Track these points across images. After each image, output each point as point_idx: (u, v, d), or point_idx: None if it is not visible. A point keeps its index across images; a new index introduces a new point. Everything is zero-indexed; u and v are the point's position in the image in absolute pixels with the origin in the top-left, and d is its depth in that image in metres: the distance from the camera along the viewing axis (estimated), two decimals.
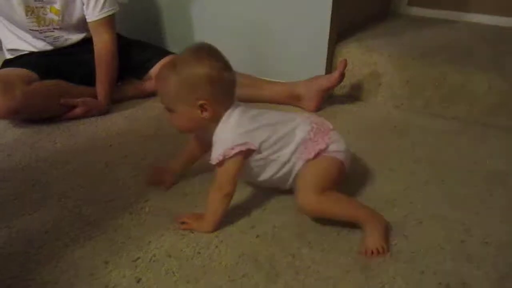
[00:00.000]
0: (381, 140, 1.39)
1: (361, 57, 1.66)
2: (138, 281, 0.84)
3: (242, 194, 1.08)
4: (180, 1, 1.91)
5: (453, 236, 0.97)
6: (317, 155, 0.99)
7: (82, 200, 1.09)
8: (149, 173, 1.16)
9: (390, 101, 1.64)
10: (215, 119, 0.97)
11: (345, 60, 1.52)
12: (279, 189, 1.07)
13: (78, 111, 1.49)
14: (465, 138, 1.40)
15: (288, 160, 0.99)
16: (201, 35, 1.93)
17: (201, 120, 0.96)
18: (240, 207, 1.04)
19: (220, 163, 0.95)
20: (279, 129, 1.00)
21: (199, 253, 0.91)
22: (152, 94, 1.67)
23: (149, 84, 1.69)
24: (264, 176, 1.02)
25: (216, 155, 0.95)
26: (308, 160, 0.99)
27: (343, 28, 1.73)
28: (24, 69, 1.51)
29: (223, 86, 0.96)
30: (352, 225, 0.97)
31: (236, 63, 1.78)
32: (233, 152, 0.94)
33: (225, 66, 0.96)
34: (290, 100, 1.60)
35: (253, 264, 0.88)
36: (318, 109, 1.57)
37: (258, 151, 0.97)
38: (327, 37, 1.62)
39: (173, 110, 0.98)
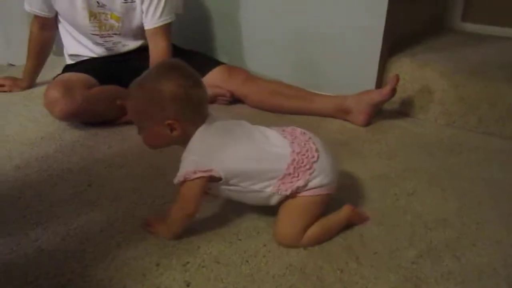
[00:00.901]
0: (432, 158, 1.36)
1: (413, 72, 1.64)
2: (188, 285, 0.86)
3: None
4: (231, 12, 1.95)
5: (509, 261, 0.93)
6: (295, 192, 0.94)
7: (135, 202, 1.12)
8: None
9: (441, 118, 1.61)
10: (186, 137, 0.93)
11: (398, 75, 1.51)
12: None
13: None
14: None
15: (261, 191, 0.95)
16: (251, 46, 1.96)
17: (171, 138, 0.93)
18: None
19: (182, 184, 0.92)
20: (253, 157, 0.94)
21: (247, 261, 0.92)
22: None
23: None
24: (241, 200, 0.99)
25: (178, 175, 0.92)
26: (285, 196, 0.94)
27: (395, 42, 1.71)
28: (84, 74, 1.59)
29: (191, 104, 0.92)
30: (401, 242, 0.96)
31: (285, 75, 1.82)
32: (194, 176, 0.90)
33: (194, 83, 0.92)
34: (339, 113, 1.59)
35: (301, 276, 0.88)
36: (367, 123, 1.56)
37: (225, 180, 0.92)
38: (379, 51, 1.61)
39: (143, 128, 0.96)
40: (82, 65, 1.67)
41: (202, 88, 0.94)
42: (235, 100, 1.74)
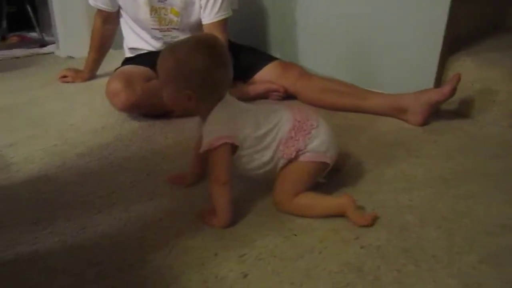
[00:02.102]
0: (493, 161, 1.31)
1: (474, 71, 1.58)
2: (245, 276, 0.87)
3: None
4: (286, 7, 1.96)
5: None
6: (296, 155, 1.03)
7: (191, 193, 1.15)
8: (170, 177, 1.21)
9: (503, 120, 1.54)
10: (201, 111, 1.02)
11: (459, 74, 1.46)
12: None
13: None
14: None
15: (271, 159, 1.04)
16: (306, 42, 1.95)
17: (187, 106, 1.01)
18: (343, 217, 1.04)
19: (209, 153, 0.99)
20: (262, 126, 1.03)
21: (303, 256, 0.92)
22: (256, 98, 1.73)
23: (253, 88, 1.75)
24: (250, 171, 1.07)
25: (203, 145, 1.00)
26: (290, 160, 1.03)
27: (456, 39, 1.66)
28: (144, 67, 1.64)
29: (211, 83, 0.99)
30: (461, 246, 0.93)
31: (339, 71, 1.80)
32: (218, 143, 0.98)
33: (219, 64, 0.99)
34: (394, 112, 1.56)
35: (358, 274, 0.88)
36: (424, 123, 1.52)
37: (241, 147, 1.01)
38: (440, 49, 1.57)
39: (165, 88, 1.03)
40: (141, 58, 1.72)
41: (227, 69, 1.01)
42: (288, 96, 1.74)
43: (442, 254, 0.93)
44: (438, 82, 1.62)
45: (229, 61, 1.01)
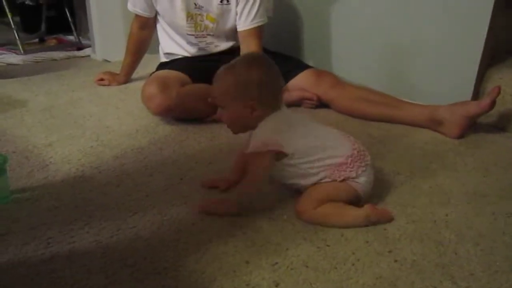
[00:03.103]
0: None
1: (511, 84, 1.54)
2: (277, 285, 0.87)
3: None
4: (321, 16, 1.95)
5: None
6: (343, 180, 1.05)
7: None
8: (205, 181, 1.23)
9: None
10: (260, 120, 1.06)
11: (499, 87, 1.42)
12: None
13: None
14: None
15: (316, 174, 1.06)
16: (340, 50, 1.94)
17: (249, 119, 1.06)
18: (377, 229, 1.03)
19: (253, 156, 1.05)
20: (317, 140, 1.07)
21: (336, 268, 0.91)
22: (288, 105, 1.72)
23: (286, 95, 1.73)
24: (290, 180, 1.10)
25: (251, 147, 1.05)
26: (333, 180, 1.05)
27: (496, 51, 1.62)
28: (179, 72, 1.66)
29: (273, 91, 1.07)
30: (500, 265, 0.90)
31: (374, 81, 1.79)
32: (265, 149, 1.03)
33: (276, 75, 1.07)
34: (431, 124, 1.53)
35: None
36: (460, 136, 1.48)
37: (290, 157, 1.05)
38: (479, 60, 1.53)
39: (225, 107, 1.08)
40: (176, 63, 1.74)
41: (280, 79, 1.09)
42: (321, 104, 1.73)
43: (480, 272, 0.91)
44: (476, 94, 1.58)
45: (279, 72, 1.08)
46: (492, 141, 1.50)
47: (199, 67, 1.70)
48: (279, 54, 1.83)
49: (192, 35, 1.71)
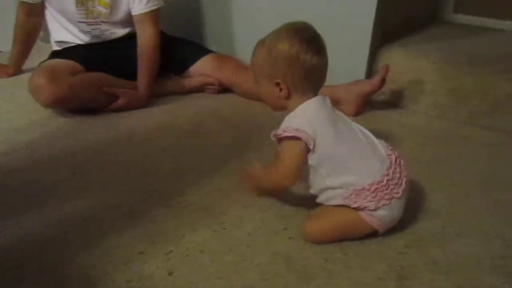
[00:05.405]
0: (421, 149, 1.35)
1: (404, 62, 1.63)
2: (170, 273, 0.85)
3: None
4: (222, 1, 1.93)
5: (493, 251, 0.93)
6: (359, 208, 0.89)
7: (121, 190, 1.11)
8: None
9: (432, 110, 1.60)
10: (294, 103, 0.92)
11: (387, 66, 1.49)
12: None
13: (119, 102, 1.53)
14: (509, 151, 1.35)
15: (331, 188, 0.91)
16: (241, 34, 1.94)
17: (279, 98, 0.93)
18: (273, 207, 1.04)
19: (281, 142, 0.91)
20: (347, 147, 0.91)
21: (231, 250, 0.91)
22: (191, 91, 1.70)
23: (188, 81, 1.72)
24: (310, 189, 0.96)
25: (278, 130, 0.91)
26: (347, 204, 0.90)
27: (387, 32, 1.69)
28: (71, 61, 1.56)
29: (302, 69, 0.89)
30: (390, 232, 0.95)
31: None
32: (294, 133, 0.87)
33: (311, 50, 0.89)
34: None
35: (285, 265, 0.87)
36: (357, 114, 1.54)
37: (309, 156, 0.89)
38: (370, 40, 1.60)
39: (259, 84, 0.96)
40: (68, 52, 1.64)
41: (321, 57, 0.91)
42: (224, 89, 1.72)
43: (369, 240, 0.94)
44: (370, 73, 1.65)
45: (323, 48, 0.93)
46: (387, 117, 1.57)
47: (93, 55, 1.61)
48: (179, 40, 1.80)
49: (84, 22, 1.61)
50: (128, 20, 1.65)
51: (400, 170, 0.92)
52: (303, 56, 0.89)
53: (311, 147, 0.88)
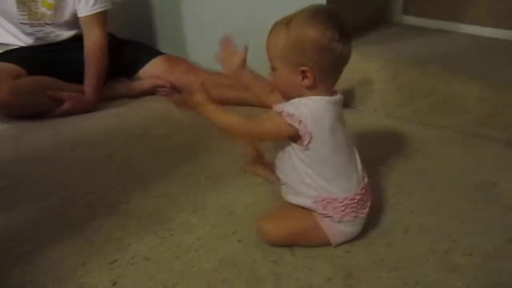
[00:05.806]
0: (370, 148, 1.36)
1: (353, 63, 1.63)
2: (114, 284, 0.82)
3: (226, 197, 1.07)
4: (172, 2, 1.90)
5: (438, 247, 0.95)
6: (325, 215, 0.90)
7: (64, 198, 1.07)
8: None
9: (381, 109, 1.63)
10: (312, 91, 0.87)
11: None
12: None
13: (64, 107, 1.48)
14: (454, 148, 1.39)
15: (306, 185, 0.90)
16: (194, 36, 1.92)
17: (299, 87, 0.86)
18: (223, 211, 1.03)
19: (270, 111, 0.88)
20: (335, 165, 0.89)
21: (178, 257, 0.89)
22: (141, 94, 1.67)
23: (138, 84, 1.68)
24: (280, 174, 0.95)
25: (282, 106, 0.86)
26: (315, 208, 0.90)
27: None
28: (12, 64, 1.50)
29: (332, 57, 0.84)
30: None
31: None
32: (289, 119, 0.84)
33: (342, 38, 0.84)
34: None
35: (233, 270, 0.86)
36: None
37: (304, 148, 0.87)
38: None
39: (275, 69, 0.89)
40: (10, 55, 1.57)
41: (349, 47, 0.87)
42: (176, 91, 1.69)
43: None
44: None
45: (350, 36, 0.86)
46: None
47: (37, 58, 1.55)
48: (129, 42, 1.76)
49: (27, 24, 1.55)
50: (74, 22, 1.60)
51: (368, 193, 0.95)
52: (334, 45, 0.83)
53: (305, 143, 0.86)
